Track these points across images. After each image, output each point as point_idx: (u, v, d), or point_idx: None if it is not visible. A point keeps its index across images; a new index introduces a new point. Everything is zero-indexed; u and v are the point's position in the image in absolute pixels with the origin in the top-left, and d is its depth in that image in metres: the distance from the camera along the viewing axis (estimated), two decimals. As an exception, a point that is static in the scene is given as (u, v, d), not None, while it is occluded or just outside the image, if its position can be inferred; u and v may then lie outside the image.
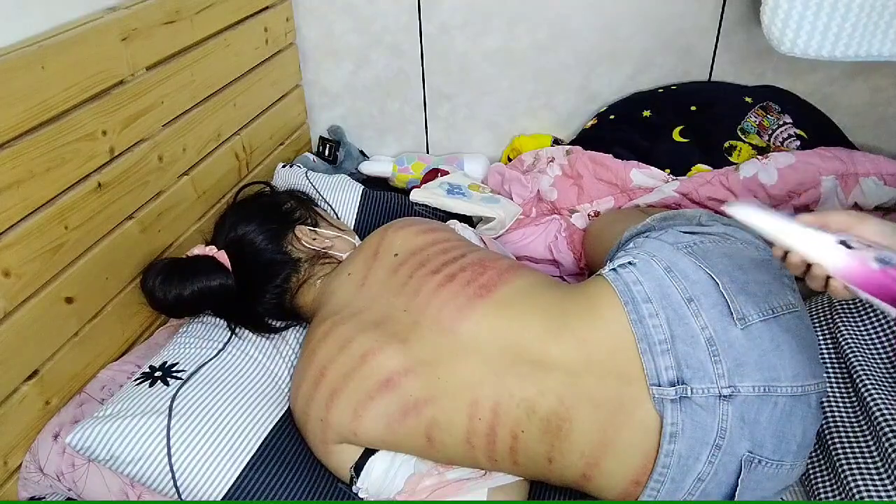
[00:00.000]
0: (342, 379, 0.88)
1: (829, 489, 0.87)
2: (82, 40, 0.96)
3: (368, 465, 0.89)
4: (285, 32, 1.53)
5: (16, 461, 0.94)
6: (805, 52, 1.23)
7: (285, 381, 1.03)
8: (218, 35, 1.28)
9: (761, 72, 1.49)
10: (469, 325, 0.86)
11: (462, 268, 0.93)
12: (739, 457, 0.78)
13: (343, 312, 0.95)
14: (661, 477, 0.78)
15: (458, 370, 0.85)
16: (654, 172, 1.41)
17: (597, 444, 0.80)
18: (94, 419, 0.89)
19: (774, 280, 0.86)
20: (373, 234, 1.06)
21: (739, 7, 1.43)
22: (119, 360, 1.09)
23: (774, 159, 1.32)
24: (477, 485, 0.89)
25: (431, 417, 0.85)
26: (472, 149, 1.70)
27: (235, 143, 1.37)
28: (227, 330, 1.05)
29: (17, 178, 0.87)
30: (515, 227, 1.42)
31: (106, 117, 1.01)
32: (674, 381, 0.79)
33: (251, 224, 1.08)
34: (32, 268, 0.91)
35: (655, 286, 0.85)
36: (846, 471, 0.85)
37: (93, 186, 1.00)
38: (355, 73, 1.64)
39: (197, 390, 0.94)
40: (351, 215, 1.35)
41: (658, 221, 1.00)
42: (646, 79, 1.55)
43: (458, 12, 1.52)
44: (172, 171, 1.18)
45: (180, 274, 1.00)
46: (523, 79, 1.58)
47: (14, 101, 0.86)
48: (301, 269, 1.06)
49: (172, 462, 0.87)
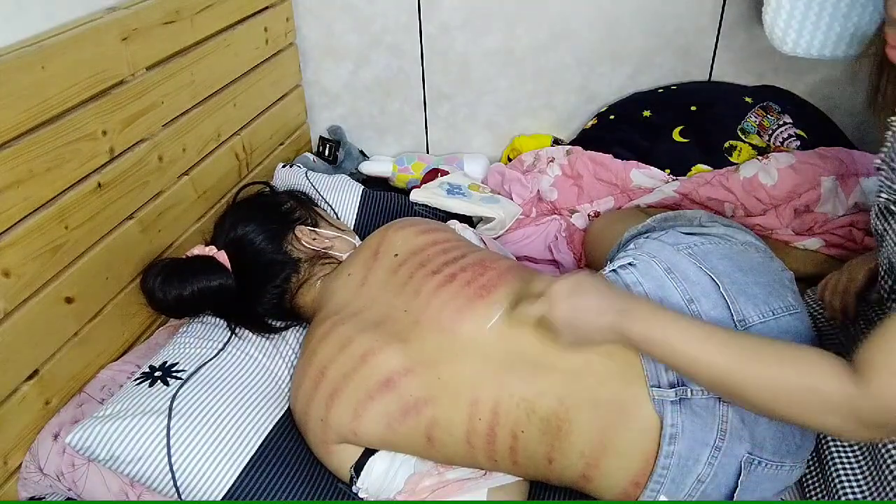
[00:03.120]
0: (342, 379, 0.88)
1: (819, 489, 0.87)
2: (82, 40, 0.96)
3: (368, 465, 0.90)
4: (285, 32, 1.53)
5: (16, 461, 0.94)
6: (807, 52, 1.23)
7: (285, 381, 1.03)
8: (218, 35, 1.28)
9: (761, 72, 1.49)
10: (469, 325, 0.86)
11: (462, 268, 0.93)
12: (739, 458, 0.78)
13: (343, 312, 0.95)
14: (660, 478, 0.78)
15: (459, 370, 0.85)
16: (654, 172, 1.41)
17: (596, 445, 0.80)
18: (94, 419, 0.89)
19: (774, 281, 0.86)
20: (373, 234, 1.06)
21: (739, 7, 1.43)
22: (119, 360, 1.09)
23: (775, 159, 1.32)
24: (477, 485, 0.89)
25: (431, 417, 0.85)
26: (472, 149, 1.70)
27: (235, 143, 1.37)
28: (227, 330, 1.05)
29: (17, 178, 0.87)
30: (515, 227, 1.42)
31: (106, 117, 1.01)
32: (674, 382, 0.79)
33: (251, 224, 1.08)
34: (32, 268, 0.91)
35: (656, 287, 0.85)
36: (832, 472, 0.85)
37: (93, 186, 1.00)
38: (355, 73, 1.64)
39: (197, 390, 0.94)
40: (351, 215, 1.35)
41: (658, 222, 1.00)
42: (646, 79, 1.55)
43: (458, 12, 1.52)
44: (172, 171, 1.18)
45: (180, 274, 1.00)
46: (523, 79, 1.59)
47: (14, 101, 0.86)
48: (301, 269, 1.06)
49: (172, 462, 0.87)
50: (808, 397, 0.67)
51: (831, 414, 0.66)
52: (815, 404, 0.66)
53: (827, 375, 0.66)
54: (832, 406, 0.65)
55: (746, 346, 0.71)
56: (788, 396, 0.67)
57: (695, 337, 0.73)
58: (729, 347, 0.71)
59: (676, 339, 0.73)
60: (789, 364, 0.68)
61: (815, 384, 0.66)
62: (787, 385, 0.68)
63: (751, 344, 0.72)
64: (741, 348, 0.71)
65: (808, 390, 0.67)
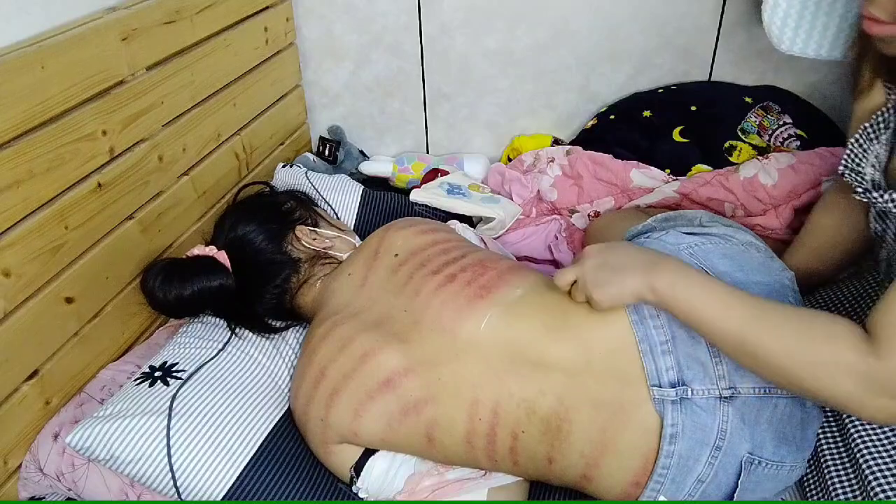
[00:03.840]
0: (342, 379, 0.88)
1: (818, 489, 0.87)
2: (82, 40, 0.96)
3: (368, 465, 0.90)
4: (285, 32, 1.53)
5: (16, 461, 0.94)
6: (805, 51, 1.23)
7: (285, 381, 1.03)
8: (218, 35, 1.28)
9: (761, 72, 1.49)
10: (469, 325, 0.86)
11: (462, 268, 0.93)
12: (739, 458, 0.78)
13: (343, 312, 0.95)
14: (660, 478, 0.78)
15: (459, 370, 0.85)
16: (654, 173, 1.41)
17: (597, 445, 0.80)
18: (94, 419, 0.89)
19: (775, 282, 0.86)
20: (373, 234, 1.06)
21: (739, 7, 1.43)
22: (119, 360, 1.09)
23: (775, 160, 1.32)
24: (477, 485, 0.89)
25: (431, 417, 0.85)
26: (472, 149, 1.70)
27: (235, 143, 1.37)
28: (227, 330, 1.05)
29: (17, 178, 0.87)
30: (515, 228, 1.42)
31: (106, 117, 1.01)
32: (674, 382, 0.79)
33: (251, 224, 1.08)
34: (32, 268, 0.91)
35: (656, 287, 0.84)
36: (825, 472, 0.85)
37: (93, 186, 1.00)
38: (355, 73, 1.64)
39: (197, 390, 0.94)
40: (351, 215, 1.35)
41: (659, 222, 1.00)
42: (646, 79, 1.55)
43: (458, 12, 1.52)
44: (172, 171, 1.18)
45: (180, 274, 1.00)
46: (523, 79, 1.58)
47: (14, 101, 0.86)
48: (301, 269, 1.06)
49: (172, 462, 0.87)
50: (824, 360, 0.67)
51: (845, 378, 0.65)
52: (830, 369, 0.66)
53: (842, 339, 0.66)
54: (849, 370, 0.65)
55: (767, 312, 0.71)
56: (806, 362, 0.67)
57: (718, 298, 0.73)
58: (749, 312, 0.71)
59: (699, 298, 0.74)
60: (806, 329, 0.68)
61: (831, 349, 0.66)
62: (804, 350, 0.68)
63: (772, 310, 0.72)
64: (761, 313, 0.71)
65: (825, 355, 0.67)
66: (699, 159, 1.42)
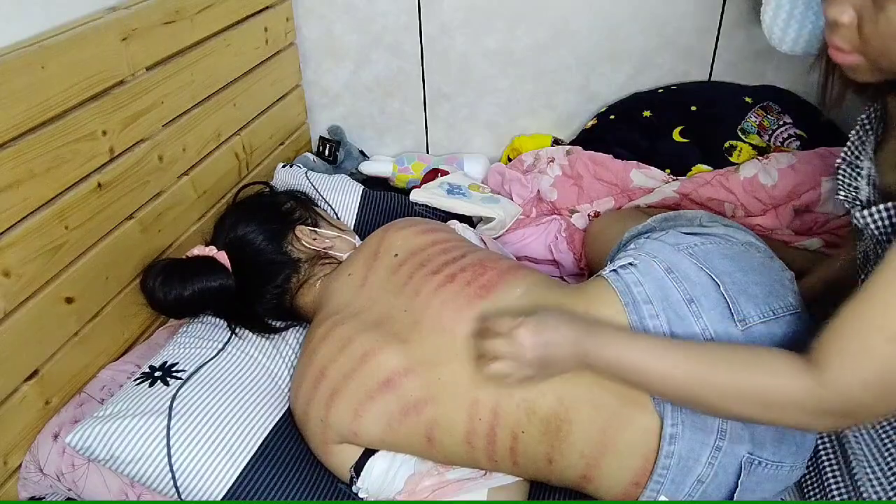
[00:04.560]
0: (342, 379, 0.88)
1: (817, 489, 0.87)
2: (82, 40, 0.96)
3: (368, 465, 0.90)
4: (285, 32, 1.53)
5: (16, 461, 0.94)
6: (806, 51, 1.23)
7: (285, 381, 1.03)
8: (218, 35, 1.28)
9: (761, 72, 1.49)
10: (469, 325, 0.86)
11: (462, 268, 0.93)
12: (739, 458, 0.78)
13: (343, 313, 0.95)
14: (660, 478, 0.78)
15: (459, 370, 0.85)
16: (654, 173, 1.41)
17: (597, 445, 0.80)
18: (94, 419, 0.89)
19: (775, 282, 0.86)
20: (373, 234, 1.06)
21: (739, 7, 1.43)
22: (119, 360, 1.09)
23: (775, 160, 1.32)
24: (477, 485, 0.89)
25: (431, 417, 0.85)
26: (472, 149, 1.70)
27: (235, 143, 1.37)
28: (227, 330, 1.05)
29: (17, 178, 0.87)
30: (515, 228, 1.42)
31: (106, 117, 1.01)
32: (674, 381, 0.79)
33: (251, 224, 1.08)
34: (32, 268, 0.91)
35: (656, 287, 0.84)
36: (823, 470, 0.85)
37: (93, 186, 1.00)
38: (355, 73, 1.64)
39: (197, 390, 0.94)
40: (351, 215, 1.35)
41: (659, 222, 1.00)
42: (646, 79, 1.55)
43: (458, 12, 1.52)
44: (172, 171, 1.18)
45: (180, 274, 1.00)
46: (523, 79, 1.58)
47: (14, 101, 0.86)
48: (301, 269, 1.06)
49: (172, 462, 0.87)
50: (771, 398, 0.67)
51: (797, 411, 0.66)
52: (779, 404, 0.67)
53: (783, 373, 0.67)
54: (795, 403, 0.66)
55: (704, 356, 0.71)
56: (752, 400, 0.68)
57: (651, 353, 0.73)
58: (687, 359, 0.71)
59: (633, 357, 0.74)
60: (745, 368, 0.69)
61: (774, 384, 0.67)
62: (746, 389, 0.68)
63: (708, 353, 0.72)
64: (698, 358, 0.71)
65: (769, 391, 0.67)
66: (699, 159, 1.42)
